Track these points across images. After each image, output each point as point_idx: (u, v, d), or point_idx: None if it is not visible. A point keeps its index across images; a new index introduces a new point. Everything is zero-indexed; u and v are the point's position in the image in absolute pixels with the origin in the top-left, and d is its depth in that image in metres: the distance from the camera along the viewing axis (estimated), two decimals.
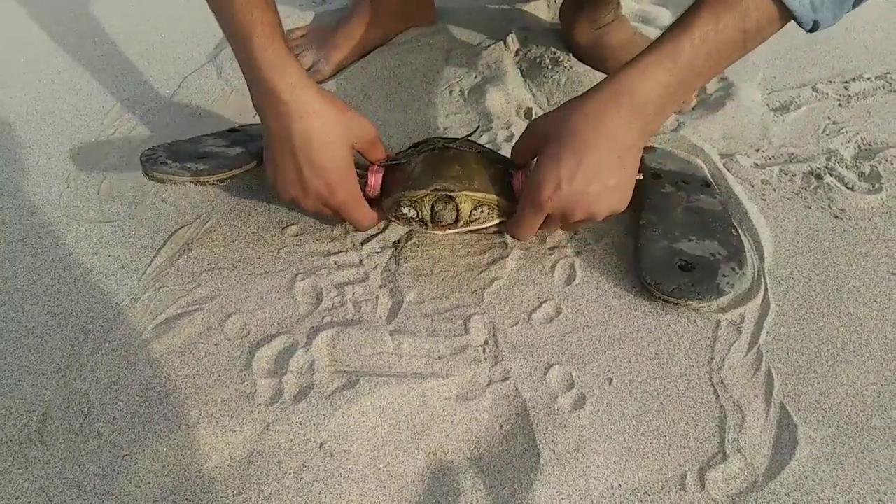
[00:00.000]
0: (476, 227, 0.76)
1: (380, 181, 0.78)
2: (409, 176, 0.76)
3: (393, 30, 1.17)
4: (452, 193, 0.73)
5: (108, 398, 0.66)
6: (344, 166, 0.73)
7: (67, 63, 1.17)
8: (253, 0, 0.69)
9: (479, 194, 0.74)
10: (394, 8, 1.14)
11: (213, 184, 0.77)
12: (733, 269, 0.74)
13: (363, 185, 0.77)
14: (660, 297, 0.72)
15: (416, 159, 0.78)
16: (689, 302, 0.72)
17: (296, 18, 1.24)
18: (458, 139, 0.81)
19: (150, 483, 0.60)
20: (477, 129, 0.89)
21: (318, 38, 1.14)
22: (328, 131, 0.71)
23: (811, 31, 0.63)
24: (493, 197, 0.75)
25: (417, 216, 0.75)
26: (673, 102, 0.66)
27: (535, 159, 0.72)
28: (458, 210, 0.73)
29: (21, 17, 1.31)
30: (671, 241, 0.76)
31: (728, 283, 0.72)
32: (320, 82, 1.10)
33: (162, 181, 0.76)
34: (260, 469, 0.61)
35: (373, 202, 0.79)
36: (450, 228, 0.74)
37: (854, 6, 0.63)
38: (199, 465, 0.61)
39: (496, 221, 0.76)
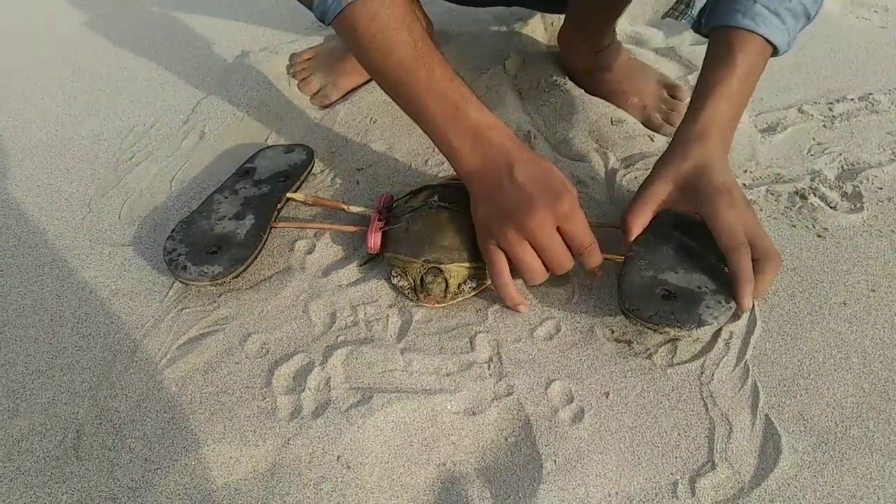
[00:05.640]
0: (463, 298, 0.80)
1: (379, 240, 0.83)
2: (402, 240, 0.81)
3: None
4: (441, 266, 0.78)
5: (138, 415, 0.70)
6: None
7: (82, 88, 1.22)
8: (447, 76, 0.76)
9: (466, 265, 0.79)
10: None
11: (229, 281, 0.82)
12: (719, 302, 0.71)
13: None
14: (638, 323, 0.72)
15: (411, 221, 0.82)
16: (667, 329, 0.70)
17: (302, 43, 1.29)
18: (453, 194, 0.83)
19: (179, 495, 0.65)
20: None
21: (326, 62, 1.18)
22: (545, 162, 0.76)
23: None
24: (482, 266, 0.79)
25: (407, 285, 0.79)
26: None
27: None
28: (446, 282, 0.78)
29: (35, 44, 1.35)
30: (657, 272, 0.75)
31: (712, 314, 0.70)
32: (326, 106, 1.15)
33: (187, 284, 0.82)
34: (282, 481, 0.65)
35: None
36: (439, 302, 0.79)
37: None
38: (225, 478, 0.66)
39: (484, 287, 0.81)
